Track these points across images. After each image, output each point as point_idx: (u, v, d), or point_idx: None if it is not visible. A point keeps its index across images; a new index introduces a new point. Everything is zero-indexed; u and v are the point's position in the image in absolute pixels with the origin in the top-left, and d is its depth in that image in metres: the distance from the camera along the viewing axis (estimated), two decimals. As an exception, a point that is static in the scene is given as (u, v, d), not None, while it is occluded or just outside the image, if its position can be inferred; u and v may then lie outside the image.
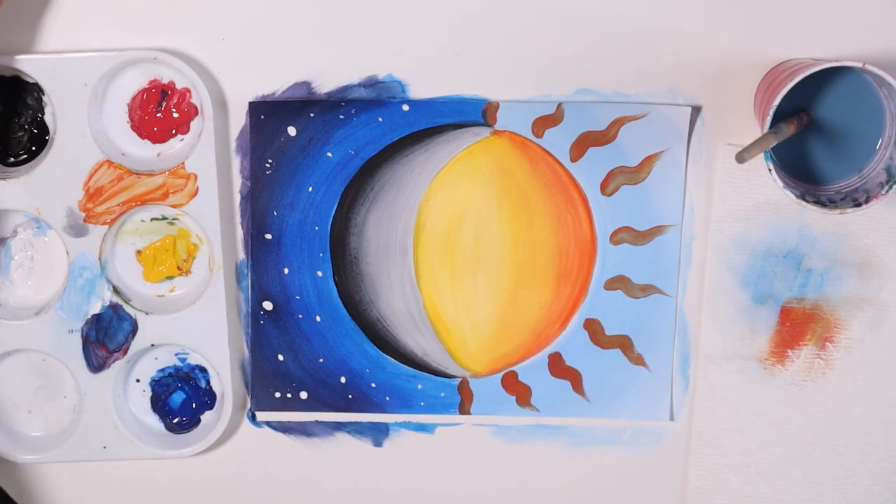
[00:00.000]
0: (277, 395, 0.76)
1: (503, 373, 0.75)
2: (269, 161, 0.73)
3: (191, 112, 0.73)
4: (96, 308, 0.74)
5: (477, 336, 0.75)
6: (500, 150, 0.72)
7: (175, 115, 0.73)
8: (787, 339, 0.73)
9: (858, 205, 0.63)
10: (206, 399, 0.77)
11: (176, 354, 0.76)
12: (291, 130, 0.72)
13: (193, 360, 0.76)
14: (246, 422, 0.77)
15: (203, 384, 0.77)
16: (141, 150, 0.73)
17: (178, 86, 0.72)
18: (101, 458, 0.76)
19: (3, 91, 0.72)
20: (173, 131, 0.73)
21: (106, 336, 0.74)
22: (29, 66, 0.70)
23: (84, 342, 0.74)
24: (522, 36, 0.71)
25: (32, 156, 0.73)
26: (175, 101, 0.72)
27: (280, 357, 0.75)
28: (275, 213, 0.73)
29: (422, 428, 0.77)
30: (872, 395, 0.74)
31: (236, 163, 0.74)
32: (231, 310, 0.74)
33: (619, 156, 0.72)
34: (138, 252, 0.75)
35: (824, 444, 0.74)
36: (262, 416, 0.77)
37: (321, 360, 0.75)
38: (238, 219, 0.74)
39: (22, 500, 0.79)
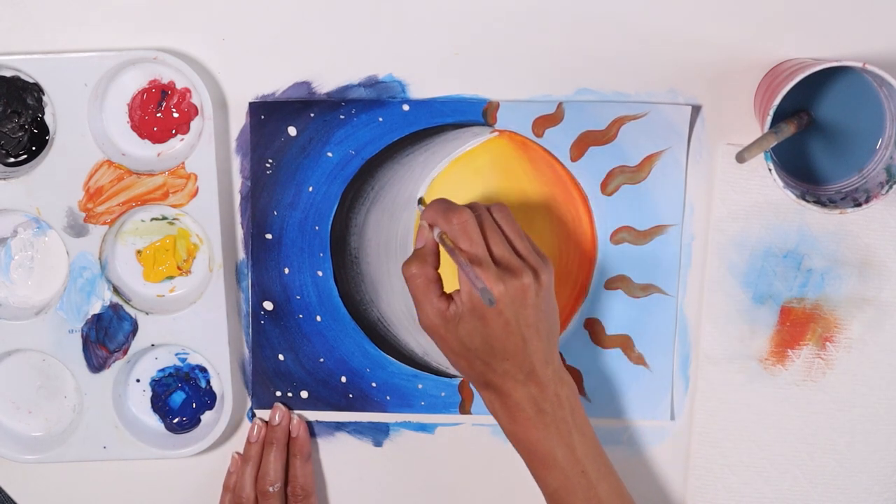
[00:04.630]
0: (278, 394, 0.76)
1: (503, 373, 0.75)
2: (270, 161, 0.73)
3: (191, 112, 0.72)
4: (96, 308, 0.74)
5: (477, 336, 0.75)
6: (500, 149, 0.72)
7: (175, 115, 0.73)
8: (787, 339, 0.73)
9: (858, 205, 0.63)
10: (206, 399, 0.77)
11: (176, 354, 0.76)
12: (291, 130, 0.72)
13: (193, 360, 0.76)
14: (246, 421, 0.77)
15: (203, 384, 0.77)
16: (141, 150, 0.73)
17: (178, 86, 0.72)
18: (101, 458, 0.76)
19: (3, 91, 0.72)
20: (173, 131, 0.73)
21: (106, 336, 0.74)
22: (29, 66, 0.70)
23: (84, 342, 0.74)
24: (522, 36, 0.71)
25: (32, 156, 0.73)
26: (175, 101, 0.72)
27: (280, 357, 0.75)
28: (275, 213, 0.73)
29: (422, 428, 0.77)
30: (872, 395, 0.74)
31: (236, 163, 0.74)
32: (231, 310, 0.74)
33: (620, 155, 0.72)
34: (138, 252, 0.75)
35: (824, 444, 0.74)
36: (262, 415, 0.77)
37: (322, 360, 0.75)
38: (238, 219, 0.74)
39: (22, 500, 0.79)
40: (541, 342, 0.63)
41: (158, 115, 0.73)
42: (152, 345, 0.74)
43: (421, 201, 0.63)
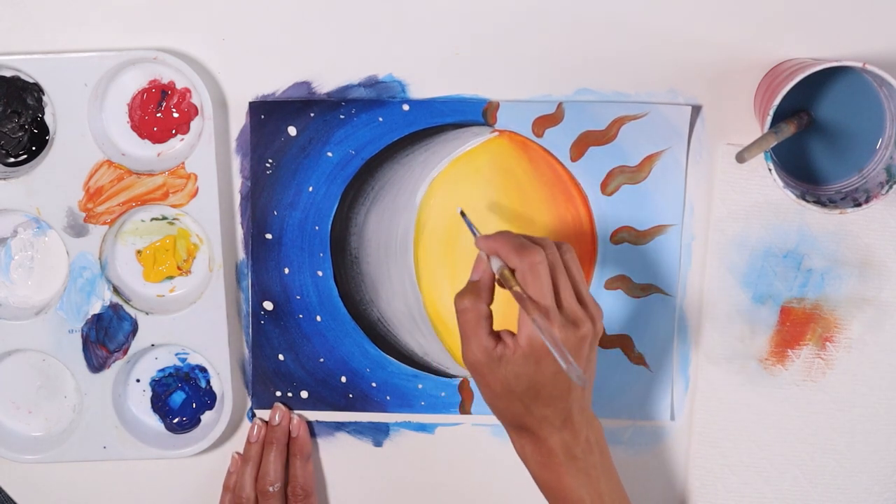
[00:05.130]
0: (278, 394, 0.76)
1: (503, 373, 0.75)
2: (270, 161, 0.73)
3: (191, 112, 0.72)
4: (96, 308, 0.74)
5: (477, 336, 0.75)
6: (500, 149, 0.72)
7: (175, 115, 0.73)
8: (787, 339, 0.73)
9: (858, 205, 0.63)
10: (206, 399, 0.77)
11: (176, 354, 0.76)
12: (291, 130, 0.72)
13: (193, 360, 0.76)
14: (246, 421, 0.77)
15: (203, 384, 0.77)
16: (141, 150, 0.73)
17: (178, 86, 0.72)
18: (101, 458, 0.76)
19: (3, 91, 0.72)
20: (173, 131, 0.73)
21: (106, 336, 0.74)
22: (29, 66, 0.70)
23: (84, 342, 0.74)
24: (522, 36, 0.71)
25: (32, 156, 0.73)
26: (175, 101, 0.72)
27: (280, 357, 0.75)
28: (275, 213, 0.73)
29: (422, 428, 0.77)
30: (872, 395, 0.74)
31: (236, 163, 0.74)
32: (231, 310, 0.74)
33: (620, 155, 0.72)
34: (138, 252, 0.75)
35: (824, 444, 0.74)
36: (262, 415, 0.77)
37: (322, 360, 0.75)
38: (238, 219, 0.74)
39: (22, 500, 0.79)
40: (583, 390, 0.62)
41: (158, 115, 0.73)
42: (152, 345, 0.74)
43: (463, 213, 0.61)
